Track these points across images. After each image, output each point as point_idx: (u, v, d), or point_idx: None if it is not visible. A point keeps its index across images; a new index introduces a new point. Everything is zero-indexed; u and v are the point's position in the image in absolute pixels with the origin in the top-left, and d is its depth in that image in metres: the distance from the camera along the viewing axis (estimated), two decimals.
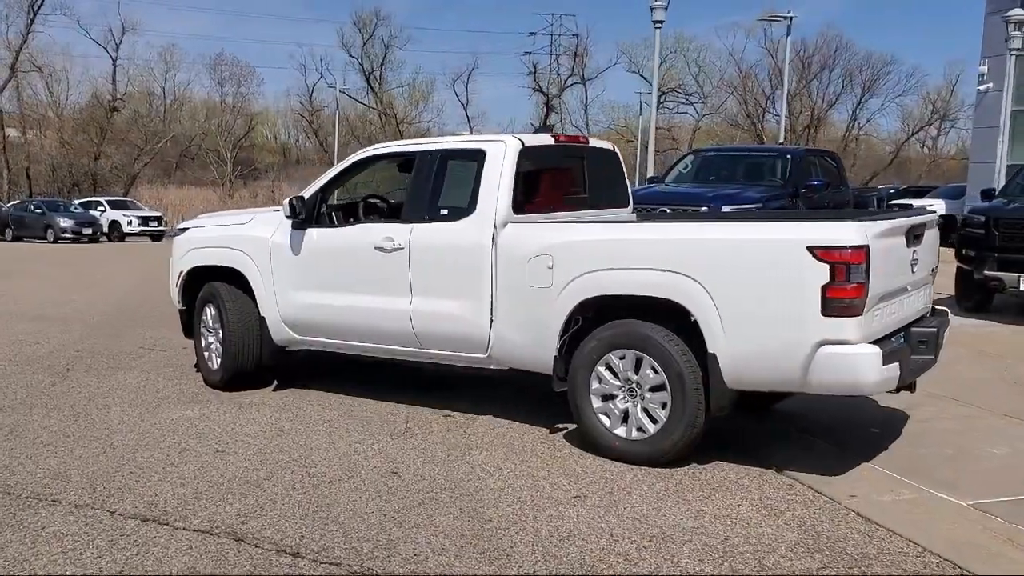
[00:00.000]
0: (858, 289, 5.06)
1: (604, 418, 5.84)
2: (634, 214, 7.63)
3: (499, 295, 6.22)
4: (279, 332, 7.33)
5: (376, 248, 6.72)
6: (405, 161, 7.37)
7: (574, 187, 7.08)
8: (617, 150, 7.52)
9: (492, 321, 6.27)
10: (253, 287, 7.36)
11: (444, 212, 6.54)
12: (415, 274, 6.56)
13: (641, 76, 65.12)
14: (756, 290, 5.27)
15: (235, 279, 7.56)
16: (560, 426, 6.56)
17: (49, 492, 5.22)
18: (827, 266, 5.05)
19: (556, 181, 6.84)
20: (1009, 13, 20.99)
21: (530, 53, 63.54)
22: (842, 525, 4.82)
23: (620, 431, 5.79)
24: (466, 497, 5.17)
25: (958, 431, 6.64)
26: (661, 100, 63.19)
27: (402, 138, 59.22)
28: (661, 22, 21.07)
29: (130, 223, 38.37)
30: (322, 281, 7.05)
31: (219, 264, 7.59)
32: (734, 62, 66.83)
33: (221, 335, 7.54)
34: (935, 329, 5.96)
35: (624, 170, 7.56)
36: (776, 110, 67.23)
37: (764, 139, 60.48)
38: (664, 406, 5.60)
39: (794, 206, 11.72)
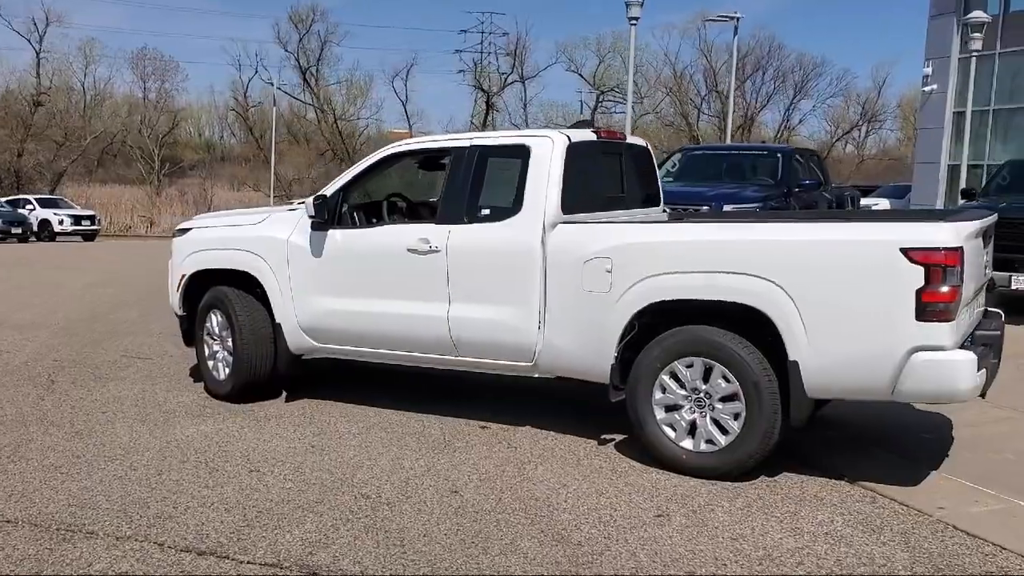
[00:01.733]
0: (953, 292, 4.83)
1: (669, 430, 5.53)
2: (664, 213, 7.32)
3: (549, 300, 5.87)
4: (296, 340, 6.86)
5: (409, 250, 6.31)
6: (429, 158, 6.98)
7: (613, 185, 6.75)
8: (649, 146, 7.20)
9: (540, 328, 5.91)
10: (268, 292, 6.88)
11: (485, 212, 6.16)
12: (453, 278, 6.17)
13: (580, 75, 65.28)
14: (843, 294, 5.00)
15: (245, 283, 7.07)
16: (608, 437, 6.24)
17: (80, 522, 4.72)
18: (922, 269, 4.81)
19: (598, 179, 6.50)
20: (969, 16, 21.25)
21: (460, 51, 63.06)
22: (948, 541, 4.58)
23: (687, 443, 5.48)
24: (543, 518, 4.81)
25: (1008, 435, 6.51)
26: (599, 100, 63.43)
27: (340, 136, 58.44)
28: (636, 19, 20.86)
29: (61, 222, 36.89)
30: (347, 285, 6.61)
31: (228, 267, 7.08)
32: (669, 63, 67.28)
33: (230, 343, 7.04)
34: (999, 332, 5.78)
35: (656, 168, 7.25)
36: (710, 111, 68.11)
37: (700, 139, 60.96)
38: (737, 417, 5.31)
39: (788, 206, 11.57)
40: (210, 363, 7.31)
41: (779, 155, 13.11)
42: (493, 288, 6.04)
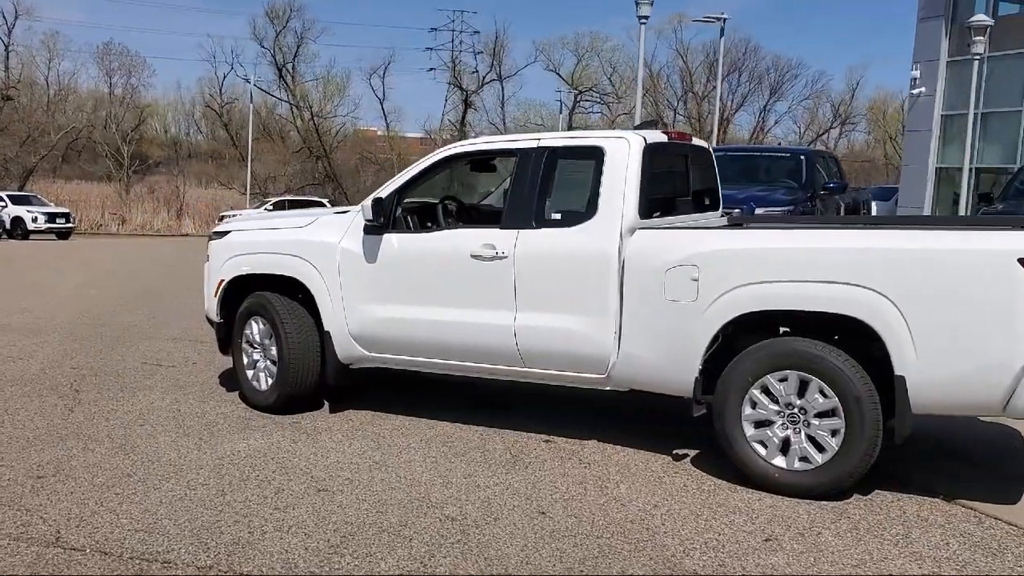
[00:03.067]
0: None
1: (759, 447, 5.28)
2: (724, 218, 7.07)
3: (626, 309, 5.60)
4: (346, 349, 6.54)
5: (473, 256, 6.01)
6: (480, 160, 6.69)
7: (681, 189, 6.49)
8: (711, 148, 6.96)
9: (616, 338, 5.63)
10: (316, 298, 6.55)
11: (556, 217, 5.88)
12: (521, 286, 5.88)
13: (558, 75, 65.08)
14: (955, 306, 4.78)
15: (288, 289, 6.73)
16: (681, 452, 5.99)
17: (152, 551, 4.38)
18: None
19: (668, 182, 6.24)
20: (972, 19, 21.27)
21: (432, 49, 62.62)
22: None
23: (779, 461, 5.23)
24: (647, 544, 4.54)
25: None
26: (577, 100, 63.31)
27: (317, 133, 57.78)
28: (646, 17, 20.63)
29: (35, 220, 36.02)
30: (404, 292, 6.30)
31: (273, 273, 6.74)
32: (646, 64, 67.22)
33: (274, 352, 6.70)
34: None
35: (716, 170, 7.00)
36: (686, 111, 68.22)
37: None
38: (835, 433, 5.07)
39: (813, 209, 11.38)
40: (249, 372, 6.96)
41: (802, 157, 12.92)
42: (565, 296, 5.77)
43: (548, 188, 5.93)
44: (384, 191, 6.41)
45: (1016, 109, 25.57)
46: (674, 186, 6.39)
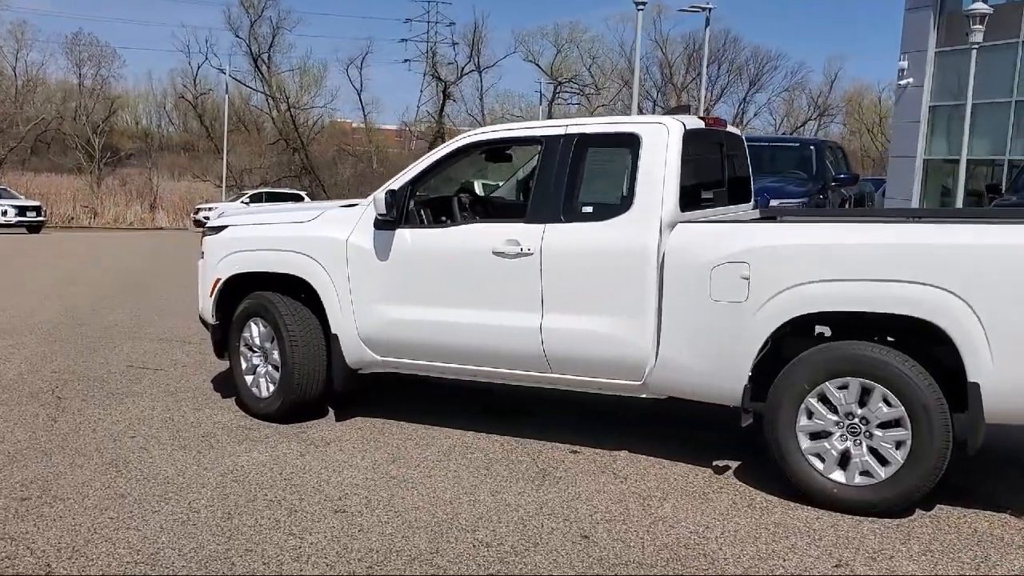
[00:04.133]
0: None
1: (816, 460, 4.85)
2: (756, 210, 6.63)
3: (667, 311, 5.15)
4: (355, 353, 6.05)
5: (495, 253, 5.54)
6: (496, 149, 6.22)
7: (717, 179, 6.04)
8: (743, 136, 6.52)
9: (656, 342, 5.19)
10: (323, 299, 6.05)
11: (587, 210, 5.42)
12: (549, 285, 5.42)
13: (537, 65, 64.49)
14: None
15: (292, 289, 6.24)
16: (720, 464, 5.56)
17: None
18: None
19: (705, 172, 5.79)
20: (972, 7, 20.96)
21: (406, 40, 61.83)
22: None
23: (837, 475, 4.81)
24: (706, 573, 4.08)
25: None
26: (557, 91, 62.79)
27: (295, 124, 56.90)
28: (643, 3, 20.16)
29: (5, 213, 35.01)
30: (419, 292, 5.82)
31: (275, 271, 6.24)
32: (624, 55, 66.87)
33: (276, 356, 6.21)
34: None
35: (748, 160, 6.56)
36: (665, 103, 67.85)
37: None
38: (899, 445, 4.66)
39: (825, 201, 10.98)
40: (248, 378, 6.46)
41: (812, 148, 12.51)
42: (597, 296, 5.31)
43: (577, 178, 5.47)
44: (396, 183, 5.92)
45: (1006, 100, 25.33)
46: (710, 176, 5.94)
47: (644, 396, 5.46)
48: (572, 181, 5.46)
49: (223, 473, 5.29)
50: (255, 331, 6.36)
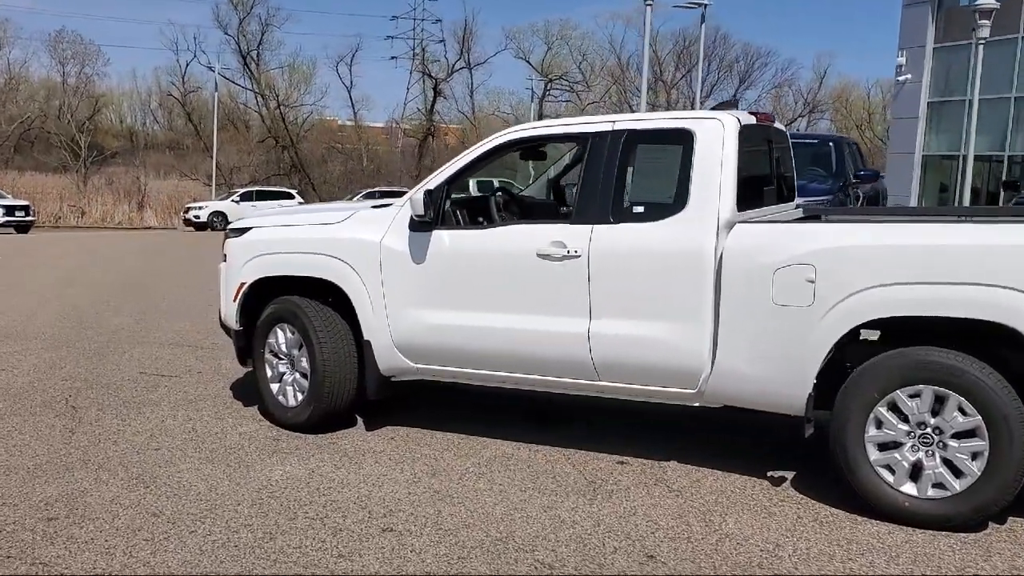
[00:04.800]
0: None
1: (885, 472, 4.63)
2: (799, 210, 6.40)
3: (723, 315, 4.91)
4: (389, 359, 5.80)
5: (540, 256, 5.30)
6: (540, 146, 5.98)
7: (766, 177, 5.81)
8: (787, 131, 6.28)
9: (712, 349, 4.95)
10: (355, 304, 5.79)
11: (638, 210, 5.17)
12: (597, 288, 5.18)
13: (528, 63, 64.22)
14: None
15: (320, 293, 5.98)
16: (776, 474, 5.33)
17: None
18: None
19: (755, 169, 5.56)
20: (977, 2, 20.81)
21: (392, 37, 61.44)
22: None
23: (909, 488, 4.58)
24: None
25: None
26: (547, 88, 62.53)
27: (284, 121, 56.44)
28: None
29: None
30: (457, 296, 5.57)
31: (304, 275, 5.97)
32: (614, 51, 66.73)
33: (305, 364, 5.95)
34: None
35: (792, 157, 6.33)
36: (655, 100, 67.67)
37: None
38: (976, 456, 4.43)
39: (846, 199, 10.76)
40: (274, 386, 6.20)
41: (831, 144, 12.30)
42: (649, 300, 5.07)
43: (627, 177, 5.23)
44: (432, 182, 5.67)
45: (1006, 96, 25.23)
46: (760, 174, 5.70)
47: (697, 405, 5.21)
48: (621, 180, 5.22)
49: (257, 489, 5.03)
50: (281, 337, 6.10)
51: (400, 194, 5.96)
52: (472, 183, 6.92)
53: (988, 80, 25.05)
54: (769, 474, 5.34)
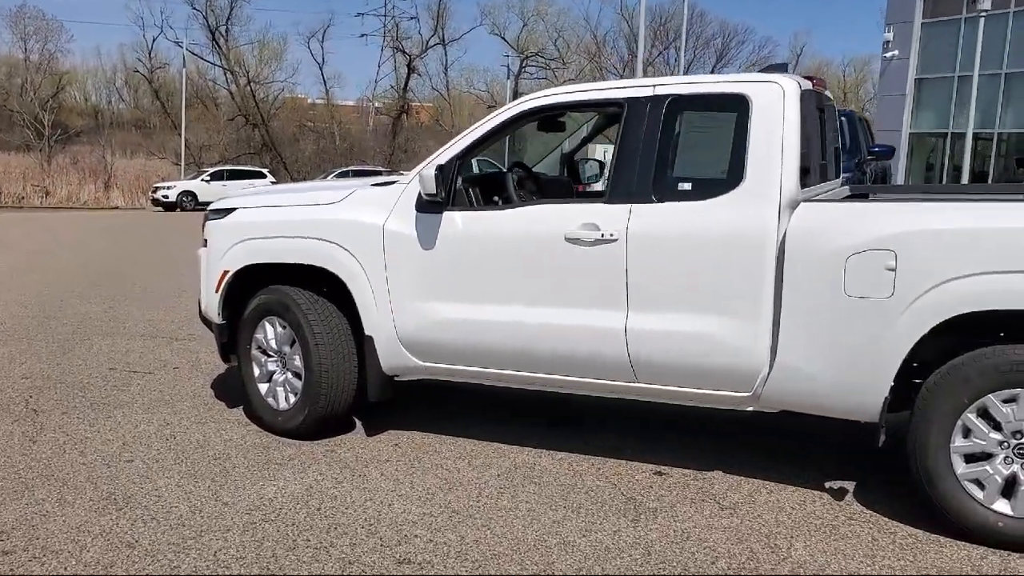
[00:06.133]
0: None
1: (973, 487, 4.03)
2: (845, 187, 5.78)
3: (787, 308, 4.28)
4: (394, 357, 5.13)
5: (568, 240, 4.64)
6: (552, 117, 5.32)
7: (818, 150, 5.16)
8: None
9: (772, 346, 4.32)
10: (355, 295, 5.11)
11: (684, 187, 4.51)
12: (636, 277, 4.53)
13: (503, 39, 63.23)
14: None
15: (313, 282, 5.29)
16: (833, 485, 4.73)
17: None
18: None
19: (812, 141, 4.91)
20: None
21: (362, 14, 60.24)
22: None
23: (1001, 506, 4.00)
24: None
25: None
26: (523, 65, 61.66)
27: (255, 99, 55.19)
28: None
29: None
30: (472, 286, 4.90)
31: (296, 262, 5.28)
32: (590, 28, 65.91)
33: (299, 362, 5.27)
34: None
35: (838, 129, 5.69)
36: (633, 78, 66.96)
37: None
38: None
39: (863, 177, 10.17)
40: (263, 387, 5.52)
41: (844, 119, 11.66)
42: (697, 291, 4.43)
43: (670, 149, 4.56)
44: (443, 157, 4.98)
45: (996, 72, 24.79)
46: (815, 147, 5.05)
47: (750, 410, 4.58)
48: (664, 152, 4.56)
49: (248, 510, 4.35)
50: (271, 332, 5.41)
51: (374, 173, 5.38)
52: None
53: (972, 57, 24.62)
54: (828, 485, 4.74)
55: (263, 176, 40.08)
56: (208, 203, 6.25)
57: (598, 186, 6.26)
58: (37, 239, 19.76)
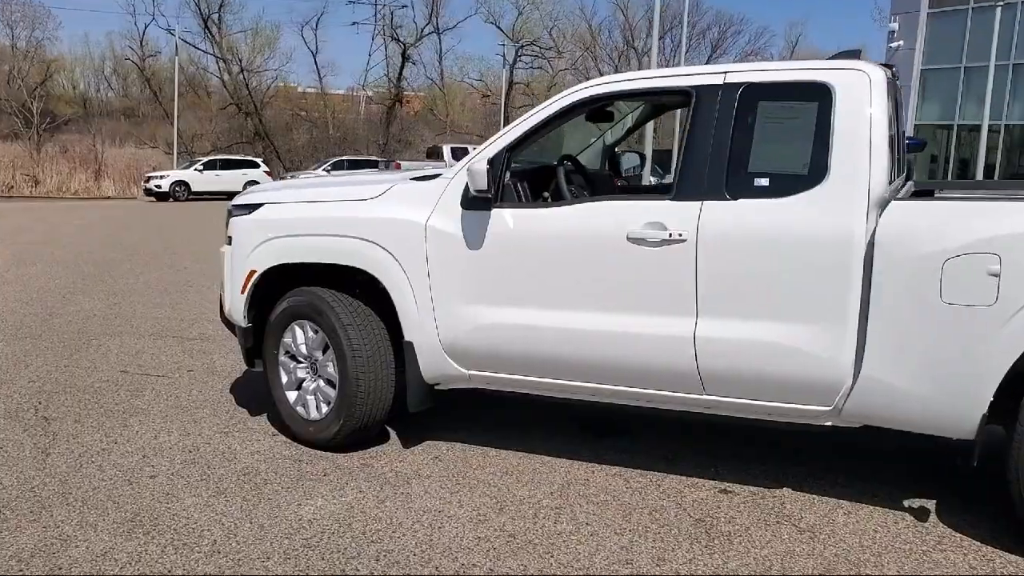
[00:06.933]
0: None
1: None
2: (910, 183, 5.43)
3: (875, 316, 3.94)
4: (436, 365, 4.77)
5: (631, 240, 4.28)
6: (602, 108, 4.95)
7: (896, 144, 4.80)
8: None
9: (857, 357, 3.97)
10: (395, 298, 4.75)
11: (761, 183, 4.16)
12: (707, 280, 4.18)
13: (498, 27, 62.68)
14: None
15: (345, 283, 4.94)
16: (914, 503, 4.40)
17: None
18: None
19: (892, 135, 4.55)
20: None
21: (353, 2, 59.57)
22: None
23: None
24: None
25: None
26: (518, 54, 61.17)
27: (247, 88, 54.57)
28: None
29: None
30: (524, 290, 4.55)
31: (331, 262, 4.91)
32: (585, 18, 65.44)
33: (332, 370, 4.91)
34: None
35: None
36: (628, 68, 66.55)
37: None
38: None
39: None
40: (291, 395, 5.15)
41: None
42: (776, 295, 4.09)
43: (745, 142, 4.20)
44: (491, 149, 4.61)
45: (1004, 63, 24.49)
46: (893, 141, 4.70)
47: (829, 424, 4.24)
48: (738, 145, 4.21)
49: (287, 533, 4.00)
50: (300, 337, 5.05)
51: (369, 163, 5.05)
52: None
53: (983, 47, 24.33)
54: (907, 504, 4.40)
55: (256, 166, 39.61)
56: (201, 193, 5.87)
57: (649, 180, 5.90)
58: (32, 230, 19.31)
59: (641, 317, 4.33)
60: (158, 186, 37.48)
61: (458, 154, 33.93)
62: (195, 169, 38.68)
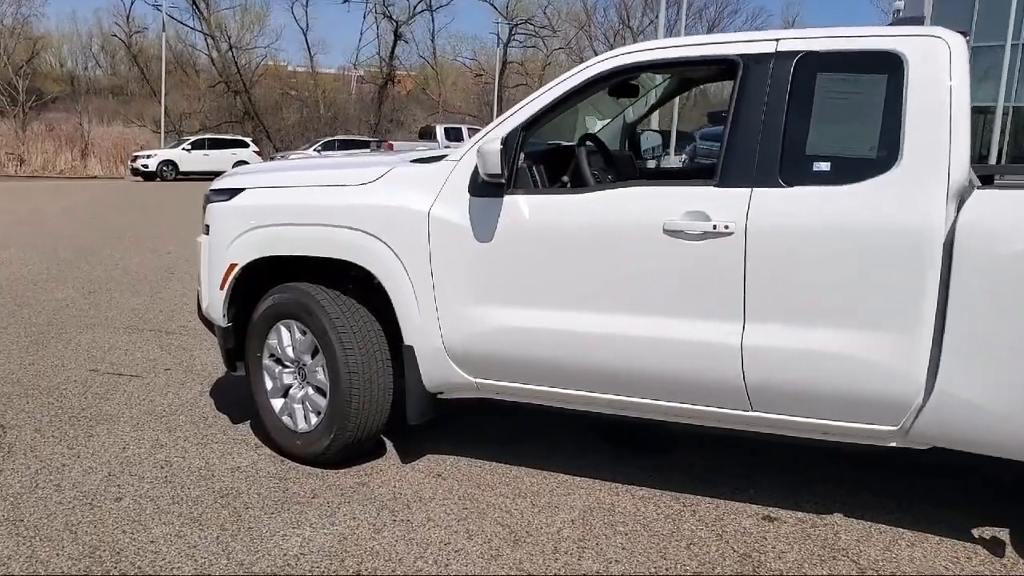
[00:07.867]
0: None
1: None
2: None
3: (955, 322, 3.37)
4: (439, 371, 4.21)
5: (667, 232, 3.71)
6: (637, 75, 4.40)
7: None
8: None
9: (931, 369, 3.41)
10: (393, 296, 4.17)
11: (821, 167, 3.58)
12: (757, 280, 3.61)
13: (492, 5, 61.73)
14: None
15: (336, 278, 4.36)
16: (985, 533, 3.86)
17: None
18: None
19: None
20: None
21: None
22: None
23: None
24: None
25: None
26: (512, 33, 60.34)
27: (236, 66, 53.65)
28: None
29: None
30: (541, 288, 3.98)
31: (320, 255, 4.33)
32: None
33: (323, 376, 4.34)
34: None
35: None
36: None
37: None
38: None
39: None
40: (277, 403, 4.58)
41: None
42: (836, 299, 3.53)
43: (802, 120, 3.63)
44: (504, 127, 4.02)
45: (1015, 43, 23.91)
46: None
47: (892, 445, 3.68)
48: (794, 124, 3.63)
49: (271, 572, 3.42)
50: (287, 338, 4.47)
51: (361, 144, 4.54)
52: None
53: (991, 26, 23.75)
54: (977, 534, 3.86)
55: (246, 145, 38.86)
56: (189, 173, 5.28)
57: (670, 162, 5.32)
58: (8, 212, 18.64)
59: (678, 321, 3.77)
60: (145, 165, 36.73)
61: (452, 134, 33.26)
62: (183, 148, 37.93)
